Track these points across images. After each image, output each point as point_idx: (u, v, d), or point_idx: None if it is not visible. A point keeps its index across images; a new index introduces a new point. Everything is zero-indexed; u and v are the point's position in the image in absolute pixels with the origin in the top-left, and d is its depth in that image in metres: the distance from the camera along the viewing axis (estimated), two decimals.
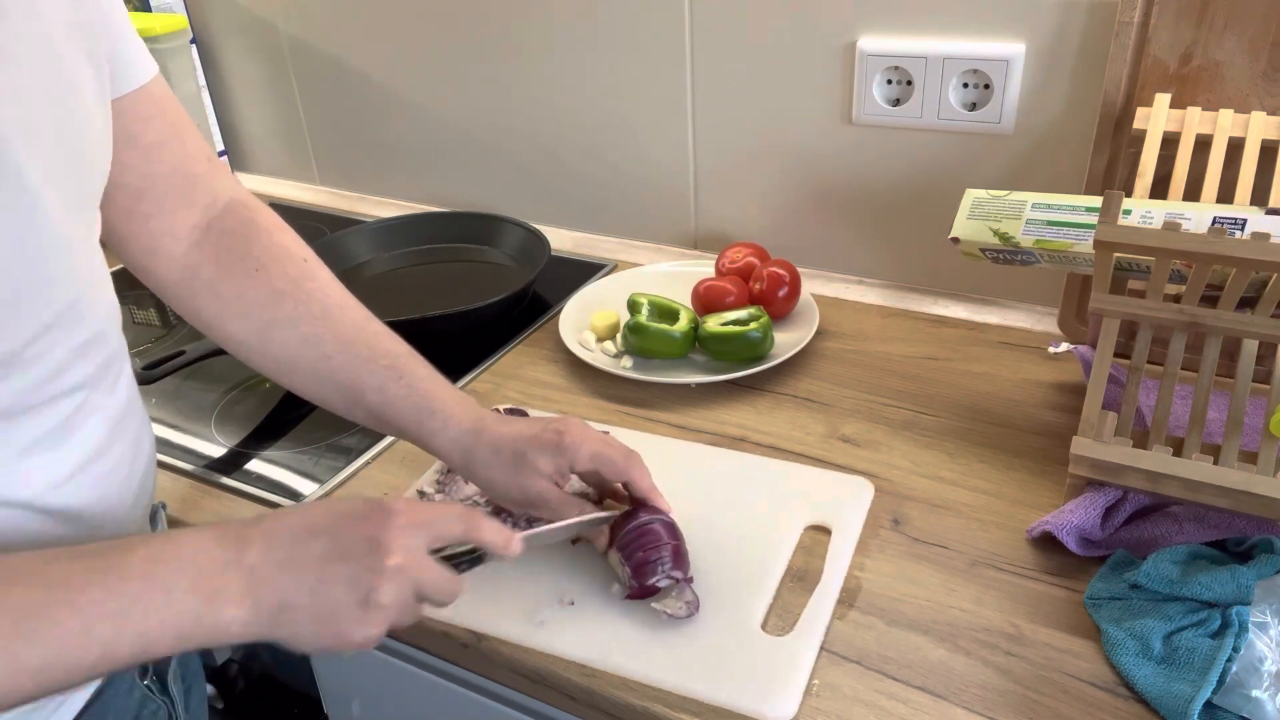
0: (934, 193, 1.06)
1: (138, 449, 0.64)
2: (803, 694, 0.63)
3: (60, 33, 0.54)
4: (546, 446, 0.68)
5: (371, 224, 1.28)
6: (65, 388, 0.56)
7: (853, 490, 0.80)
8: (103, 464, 0.59)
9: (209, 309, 0.71)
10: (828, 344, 1.02)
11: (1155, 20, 0.86)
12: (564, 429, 0.69)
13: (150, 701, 0.67)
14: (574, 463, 0.68)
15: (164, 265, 0.71)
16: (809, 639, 0.66)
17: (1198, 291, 0.73)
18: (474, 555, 0.60)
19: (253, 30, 1.44)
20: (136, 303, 1.24)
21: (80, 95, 0.56)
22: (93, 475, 0.58)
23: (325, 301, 0.72)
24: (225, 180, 0.74)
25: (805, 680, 0.64)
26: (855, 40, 1.03)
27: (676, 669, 0.65)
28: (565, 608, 0.70)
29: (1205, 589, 0.64)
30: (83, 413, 0.58)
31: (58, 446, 0.56)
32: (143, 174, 0.68)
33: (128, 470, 0.62)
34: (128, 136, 0.66)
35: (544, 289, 1.16)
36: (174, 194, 0.70)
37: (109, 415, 0.60)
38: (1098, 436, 0.73)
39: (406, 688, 0.79)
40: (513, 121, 1.30)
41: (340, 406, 0.73)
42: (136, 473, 0.63)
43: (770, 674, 0.64)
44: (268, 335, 0.71)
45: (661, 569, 0.67)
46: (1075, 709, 0.61)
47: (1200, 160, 0.84)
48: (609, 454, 0.69)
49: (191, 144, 0.71)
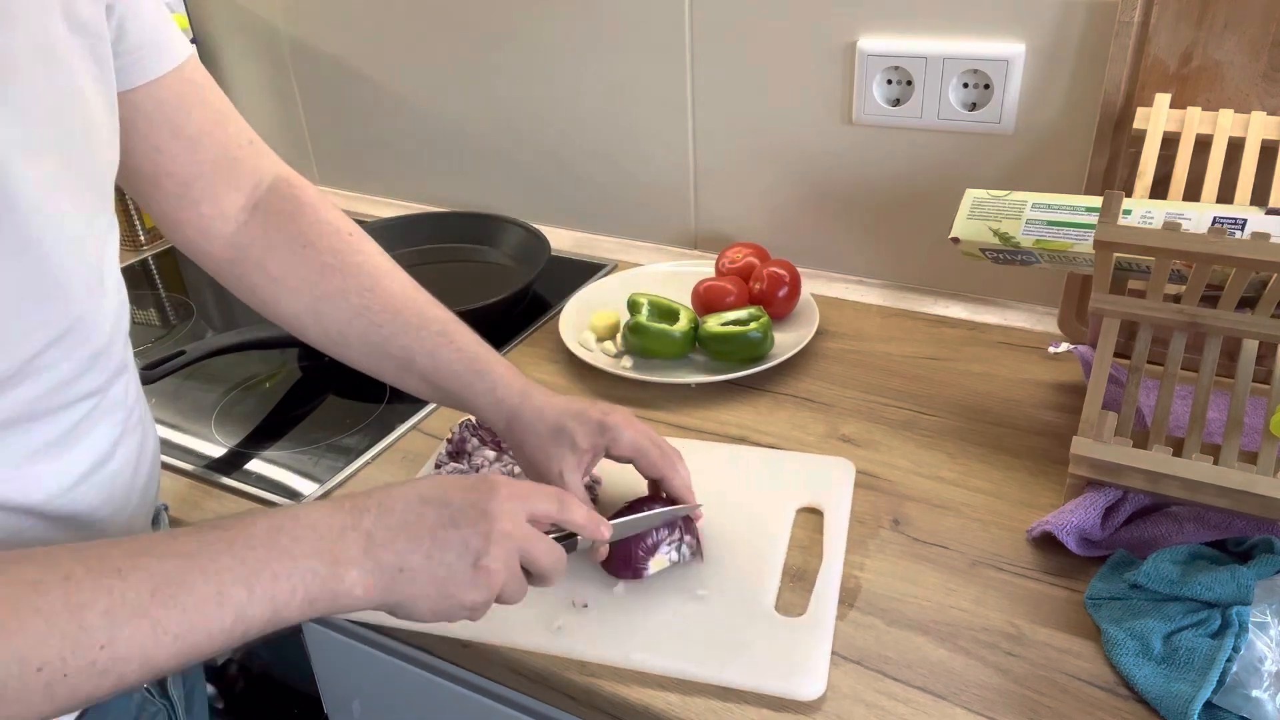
0: (934, 193, 1.06)
1: (142, 452, 0.64)
2: (829, 668, 0.64)
3: (62, 40, 0.54)
4: (589, 423, 0.70)
5: (371, 224, 1.28)
6: (72, 397, 0.56)
7: (835, 470, 0.82)
8: (108, 469, 0.59)
9: (262, 287, 0.73)
10: (828, 344, 1.02)
11: (1155, 20, 0.86)
12: (610, 411, 0.71)
13: (150, 704, 0.67)
14: (612, 446, 0.70)
15: (217, 247, 0.73)
16: (824, 615, 0.67)
17: (1198, 291, 0.73)
18: (566, 542, 0.62)
19: (253, 30, 1.44)
20: (137, 303, 1.24)
21: (84, 101, 0.56)
22: (99, 480, 0.58)
23: (374, 273, 0.74)
24: (268, 159, 0.76)
25: (828, 655, 0.65)
26: (855, 40, 1.03)
27: (701, 659, 0.65)
28: (580, 610, 0.70)
29: (1205, 589, 0.64)
30: (90, 420, 0.58)
31: (65, 453, 0.56)
32: (189, 162, 0.69)
33: (132, 473, 0.62)
34: (172, 127, 0.67)
35: (544, 289, 1.16)
36: (221, 179, 0.71)
37: (115, 421, 0.60)
38: (1098, 436, 0.73)
39: (406, 688, 0.79)
40: (513, 121, 1.30)
41: (391, 374, 0.74)
42: (141, 475, 0.64)
43: (794, 654, 0.65)
44: (319, 310, 0.73)
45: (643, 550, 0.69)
46: (1075, 709, 0.61)
47: (1200, 160, 0.84)
48: (648, 447, 0.71)
49: (233, 127, 0.72)
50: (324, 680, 0.87)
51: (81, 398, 0.57)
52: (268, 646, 0.91)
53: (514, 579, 0.57)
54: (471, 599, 0.55)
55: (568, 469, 0.69)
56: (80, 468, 0.57)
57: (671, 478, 0.71)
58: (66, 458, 0.56)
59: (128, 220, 1.35)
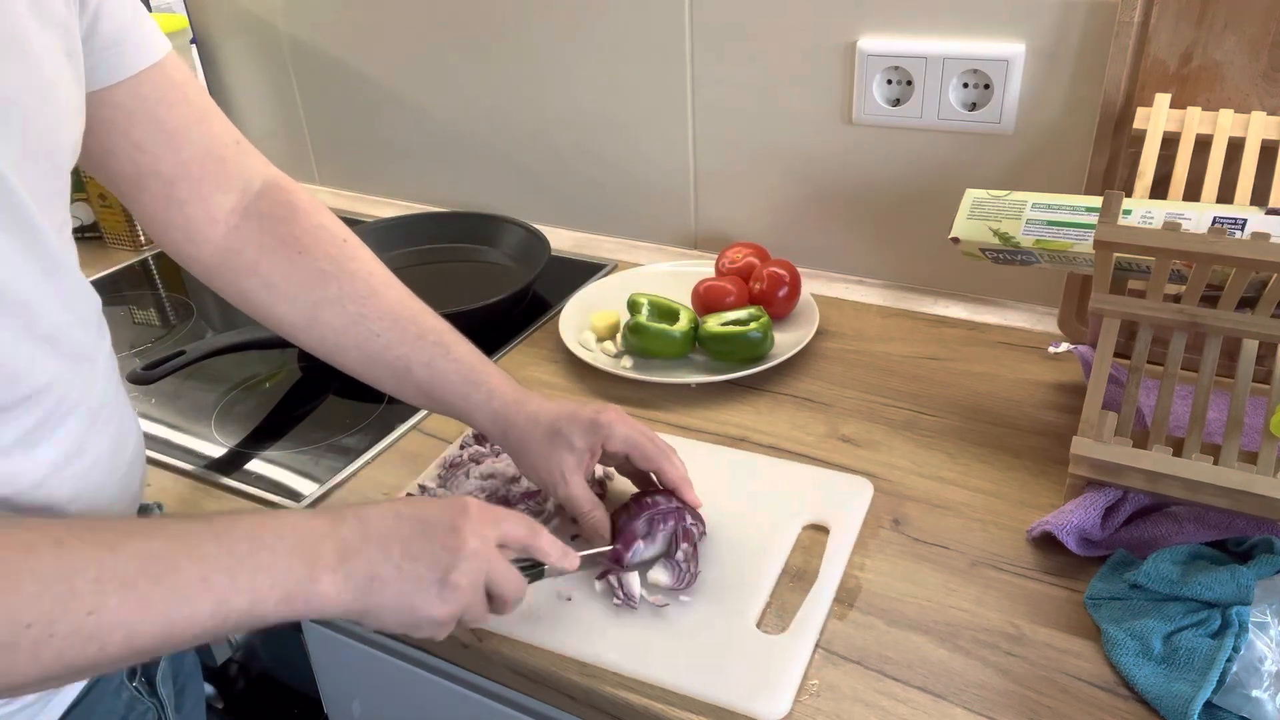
0: (934, 193, 1.06)
1: (119, 444, 0.63)
2: (796, 693, 0.63)
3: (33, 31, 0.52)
4: (583, 422, 0.71)
5: (371, 224, 1.28)
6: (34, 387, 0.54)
7: (852, 489, 0.80)
8: (81, 461, 0.58)
9: (255, 292, 0.73)
10: (828, 344, 1.02)
11: (1155, 20, 0.86)
12: (603, 409, 0.72)
13: (139, 703, 0.66)
14: (607, 441, 0.71)
15: (206, 250, 0.72)
16: (804, 638, 0.66)
17: (1198, 291, 0.73)
18: (533, 571, 0.64)
19: (253, 30, 1.44)
20: (136, 303, 1.24)
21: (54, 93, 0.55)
22: (72, 472, 0.57)
23: (370, 280, 0.74)
24: (255, 161, 0.75)
25: (799, 679, 0.64)
26: (855, 40, 1.03)
27: (671, 666, 0.65)
28: (563, 603, 0.70)
29: (1205, 589, 0.64)
30: (60, 411, 0.56)
31: (35, 446, 0.55)
32: (173, 160, 0.68)
33: (108, 465, 0.61)
34: (153, 121, 0.66)
35: (544, 289, 1.16)
36: (207, 178, 0.71)
37: (86, 411, 0.59)
38: (1098, 436, 0.73)
39: (406, 688, 0.79)
40: (513, 121, 1.30)
41: (388, 383, 0.75)
42: (119, 467, 0.62)
43: (764, 672, 0.64)
44: (315, 316, 0.72)
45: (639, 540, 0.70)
46: (1075, 709, 0.61)
47: (1200, 160, 0.84)
48: (642, 441, 0.72)
49: (217, 126, 0.72)
50: (324, 680, 0.87)
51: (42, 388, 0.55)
52: (268, 646, 0.91)
53: (478, 599, 0.59)
54: (438, 612, 0.57)
55: (568, 469, 0.70)
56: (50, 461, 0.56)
57: (667, 469, 0.72)
58: (36, 451, 0.55)
59: (128, 221, 1.35)
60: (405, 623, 0.57)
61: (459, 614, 0.59)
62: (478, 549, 0.58)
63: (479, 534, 0.59)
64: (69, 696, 0.60)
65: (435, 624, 0.58)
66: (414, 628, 0.58)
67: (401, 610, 0.57)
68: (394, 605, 0.56)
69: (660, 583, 0.70)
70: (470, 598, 0.58)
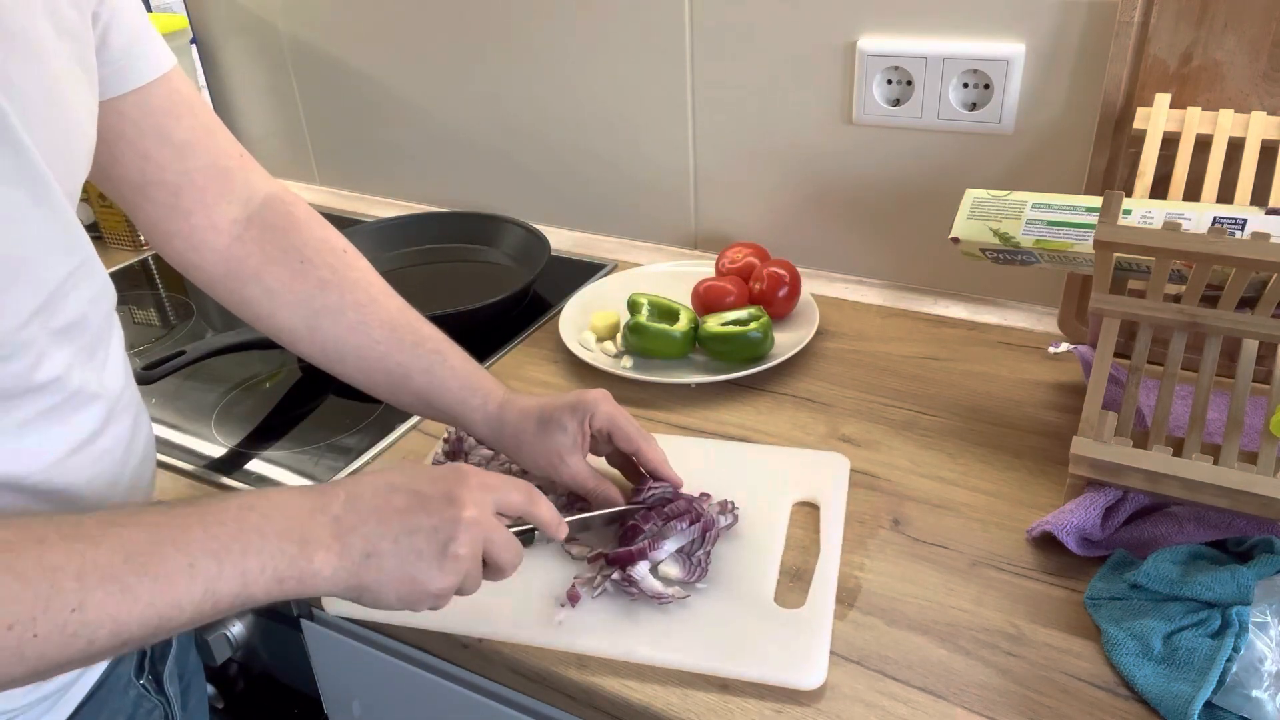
0: (934, 193, 1.06)
1: (134, 434, 0.64)
2: (828, 659, 0.65)
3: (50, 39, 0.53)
4: (567, 404, 0.73)
5: (371, 224, 1.28)
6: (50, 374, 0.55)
7: (830, 465, 0.83)
8: (97, 446, 0.59)
9: (257, 301, 0.74)
10: (828, 344, 1.02)
11: (1155, 20, 0.86)
12: (584, 391, 0.74)
13: (146, 700, 0.67)
14: (592, 418, 0.73)
15: (209, 260, 0.73)
16: (823, 607, 0.68)
17: (1198, 291, 0.73)
18: (523, 536, 0.64)
19: (253, 30, 1.44)
20: (136, 303, 1.24)
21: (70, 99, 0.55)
22: (87, 457, 0.58)
23: (369, 290, 0.75)
24: (258, 174, 0.76)
25: (828, 646, 0.65)
26: (855, 40, 1.03)
27: (705, 652, 0.66)
28: (572, 606, 0.70)
29: (1205, 589, 0.64)
30: (80, 397, 0.57)
31: (51, 428, 0.55)
32: (178, 170, 0.69)
33: (123, 452, 0.62)
34: (160, 134, 0.67)
35: (544, 289, 1.16)
36: (211, 189, 0.72)
37: (104, 399, 0.60)
38: (1098, 436, 0.73)
39: (406, 688, 0.79)
40: (513, 121, 1.30)
41: (385, 390, 0.76)
42: (133, 455, 0.63)
43: (794, 645, 0.66)
44: (315, 324, 0.74)
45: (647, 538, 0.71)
46: (1075, 709, 0.61)
47: (1200, 160, 0.84)
48: (622, 421, 0.74)
49: (222, 138, 0.73)
50: (324, 680, 0.87)
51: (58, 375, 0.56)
52: (268, 646, 0.91)
53: (477, 568, 0.59)
54: (438, 585, 0.56)
55: (565, 451, 0.73)
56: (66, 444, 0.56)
57: (646, 450, 0.75)
58: (53, 433, 0.56)
59: (128, 221, 1.35)
60: (404, 597, 0.56)
61: (459, 584, 0.58)
62: (476, 518, 0.57)
63: (477, 502, 0.58)
64: (78, 694, 0.61)
65: (435, 597, 0.57)
66: (414, 603, 0.57)
67: (400, 585, 0.56)
68: (392, 581, 0.55)
69: (671, 576, 0.70)
70: (470, 567, 0.58)
